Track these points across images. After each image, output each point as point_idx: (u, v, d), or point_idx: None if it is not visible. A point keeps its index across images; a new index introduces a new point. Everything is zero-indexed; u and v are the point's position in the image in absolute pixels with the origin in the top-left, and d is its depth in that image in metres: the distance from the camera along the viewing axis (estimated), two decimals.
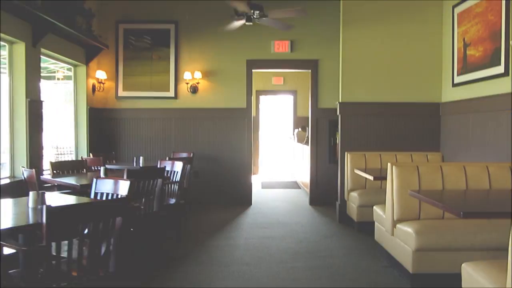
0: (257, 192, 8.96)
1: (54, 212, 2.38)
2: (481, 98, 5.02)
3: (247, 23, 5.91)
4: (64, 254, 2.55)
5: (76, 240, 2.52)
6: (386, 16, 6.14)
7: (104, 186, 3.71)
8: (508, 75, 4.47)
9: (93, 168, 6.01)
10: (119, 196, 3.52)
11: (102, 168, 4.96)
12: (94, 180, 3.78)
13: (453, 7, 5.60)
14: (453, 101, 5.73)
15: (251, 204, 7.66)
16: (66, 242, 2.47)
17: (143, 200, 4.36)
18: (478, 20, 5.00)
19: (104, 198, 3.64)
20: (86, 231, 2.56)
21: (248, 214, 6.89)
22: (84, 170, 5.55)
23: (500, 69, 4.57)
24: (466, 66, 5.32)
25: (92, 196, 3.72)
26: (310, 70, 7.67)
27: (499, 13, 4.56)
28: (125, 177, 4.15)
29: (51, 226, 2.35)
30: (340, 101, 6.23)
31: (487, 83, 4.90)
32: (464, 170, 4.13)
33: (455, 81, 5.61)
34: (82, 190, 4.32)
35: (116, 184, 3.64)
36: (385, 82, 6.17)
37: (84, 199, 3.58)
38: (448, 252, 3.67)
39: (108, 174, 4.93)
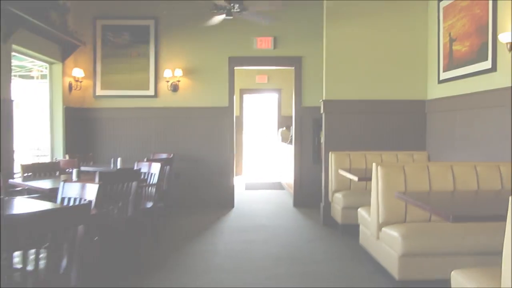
0: (241, 193, 8.75)
1: (4, 220, 2.15)
2: (467, 94, 4.87)
3: (227, 17, 5.70)
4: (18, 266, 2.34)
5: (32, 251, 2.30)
6: (370, 11, 5.97)
7: (71, 191, 3.47)
8: (495, 70, 4.33)
9: (68, 170, 5.76)
10: (86, 201, 3.30)
11: (74, 170, 4.66)
12: (61, 183, 3.56)
13: (439, 1, 5.45)
14: (439, 98, 5.59)
15: (233, 206, 7.44)
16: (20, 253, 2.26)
17: (120, 204, 4.13)
18: (464, 14, 4.85)
19: (71, 203, 3.42)
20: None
21: (230, 217, 6.67)
22: (58, 172, 5.31)
23: (487, 64, 4.42)
24: (452, 62, 5.18)
25: (59, 201, 3.49)
26: (293, 67, 7.48)
27: (486, 6, 4.41)
28: (96, 180, 3.92)
29: (1, 236, 2.13)
30: (324, 98, 6.05)
31: (474, 79, 4.75)
32: (451, 170, 3.96)
33: (441, 78, 5.46)
34: (51, 195, 4.08)
35: (83, 188, 3.41)
36: (369, 79, 6.01)
37: (54, 205, 3.35)
38: (435, 257, 3.50)
39: (82, 176, 4.68)
